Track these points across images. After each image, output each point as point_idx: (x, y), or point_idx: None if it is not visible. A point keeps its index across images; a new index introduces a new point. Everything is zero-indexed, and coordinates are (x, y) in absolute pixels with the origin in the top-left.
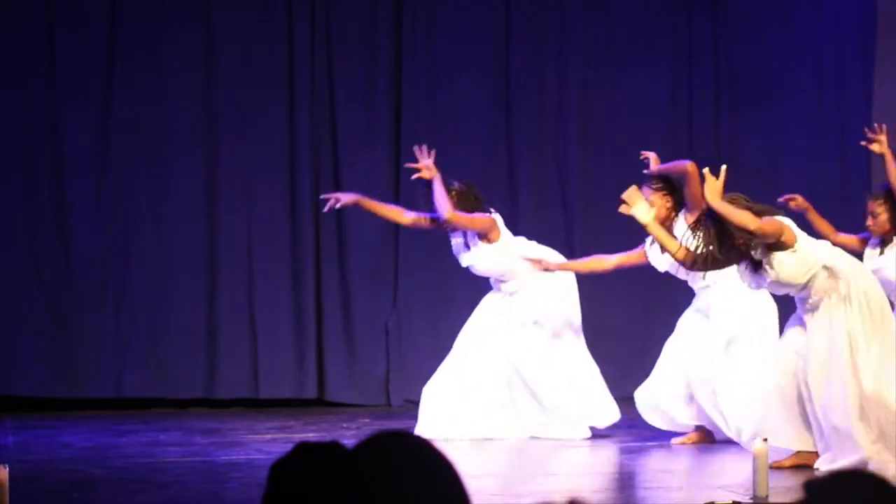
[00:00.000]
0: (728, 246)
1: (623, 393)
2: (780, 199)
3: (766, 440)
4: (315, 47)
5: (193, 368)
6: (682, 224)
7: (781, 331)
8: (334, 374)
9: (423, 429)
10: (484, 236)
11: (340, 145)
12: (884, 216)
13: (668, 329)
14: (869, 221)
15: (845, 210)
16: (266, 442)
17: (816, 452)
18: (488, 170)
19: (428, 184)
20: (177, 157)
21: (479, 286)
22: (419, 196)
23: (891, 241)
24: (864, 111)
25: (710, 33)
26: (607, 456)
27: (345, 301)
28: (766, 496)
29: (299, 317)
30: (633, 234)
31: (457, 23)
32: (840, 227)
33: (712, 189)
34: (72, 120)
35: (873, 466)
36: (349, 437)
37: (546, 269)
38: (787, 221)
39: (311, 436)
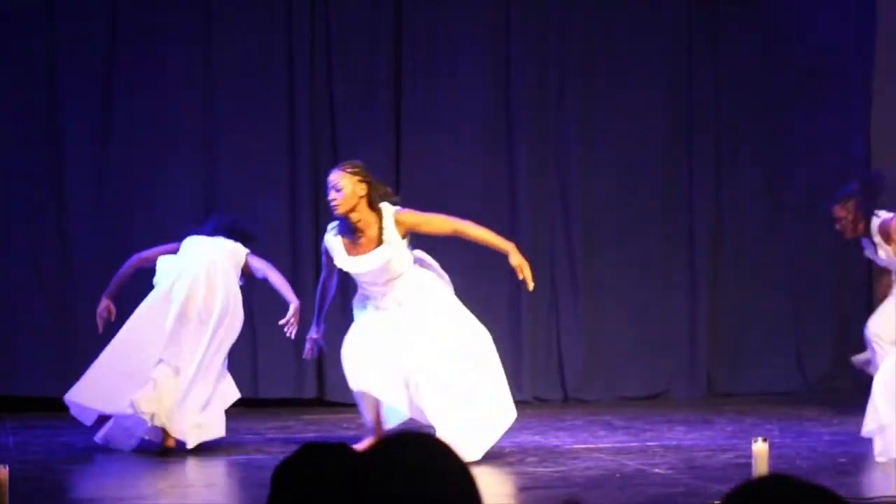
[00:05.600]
0: None
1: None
2: None
3: (765, 440)
4: (315, 47)
5: None
6: None
7: None
8: (334, 374)
9: None
10: None
11: (340, 145)
12: (849, 219)
13: None
14: (837, 225)
15: None
16: (266, 442)
17: None
18: (488, 169)
19: None
20: (177, 157)
21: (476, 286)
22: (419, 194)
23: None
24: (864, 112)
25: (709, 33)
26: (607, 456)
27: (344, 301)
28: None
29: (299, 317)
30: (633, 229)
31: (457, 22)
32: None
33: None
34: (72, 120)
35: None
36: (350, 437)
37: None
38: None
39: (312, 436)
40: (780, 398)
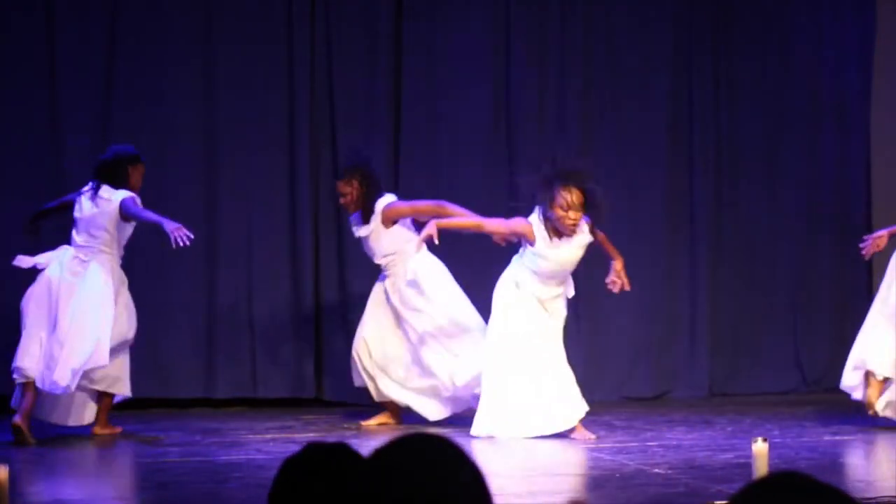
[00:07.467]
0: None
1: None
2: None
3: (765, 440)
4: (315, 47)
5: (193, 368)
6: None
7: None
8: (334, 374)
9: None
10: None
11: (340, 146)
12: (353, 195)
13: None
14: (342, 200)
15: (845, 214)
16: (266, 442)
17: None
18: (489, 170)
19: None
20: (176, 157)
21: (479, 287)
22: (419, 196)
23: (371, 213)
24: (863, 113)
25: (710, 35)
26: (607, 456)
27: (344, 301)
28: None
29: (298, 316)
30: (634, 232)
31: (457, 23)
32: (840, 230)
33: None
34: (72, 120)
35: None
36: (349, 437)
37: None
38: None
39: (312, 436)
40: (780, 398)
